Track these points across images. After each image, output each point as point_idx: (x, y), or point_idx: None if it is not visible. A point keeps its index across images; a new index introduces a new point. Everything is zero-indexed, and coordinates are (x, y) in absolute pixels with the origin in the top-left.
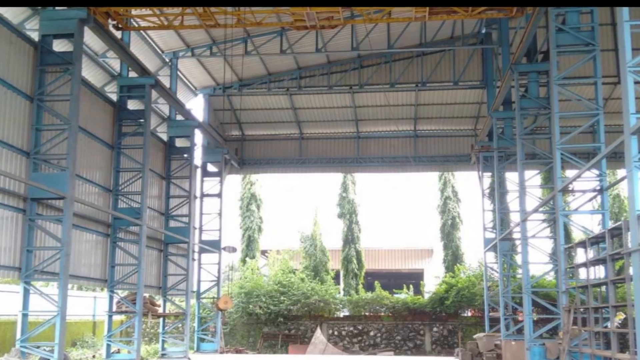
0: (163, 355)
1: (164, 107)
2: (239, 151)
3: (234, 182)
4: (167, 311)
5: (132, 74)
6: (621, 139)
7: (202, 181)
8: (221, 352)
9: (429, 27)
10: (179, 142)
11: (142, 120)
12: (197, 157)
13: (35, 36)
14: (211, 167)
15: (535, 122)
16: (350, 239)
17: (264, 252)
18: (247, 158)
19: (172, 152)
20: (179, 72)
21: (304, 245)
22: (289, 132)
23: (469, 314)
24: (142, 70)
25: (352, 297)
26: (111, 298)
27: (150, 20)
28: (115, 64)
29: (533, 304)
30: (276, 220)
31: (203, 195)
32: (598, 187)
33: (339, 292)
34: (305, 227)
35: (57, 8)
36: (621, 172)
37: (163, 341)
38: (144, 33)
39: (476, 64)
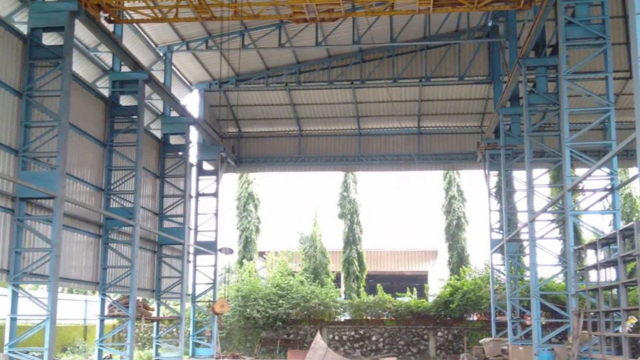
0: None
1: (157, 103)
2: (235, 149)
3: (230, 181)
4: (161, 315)
5: (125, 69)
6: (633, 136)
7: (197, 180)
8: (217, 358)
9: (433, 20)
10: (174, 140)
11: (135, 117)
12: (193, 155)
13: (24, 29)
14: (207, 166)
15: (543, 119)
16: (351, 240)
17: (261, 254)
18: (244, 156)
19: (167, 150)
20: (173, 67)
21: (304, 247)
22: (288, 129)
23: (475, 318)
24: (135, 65)
25: (354, 300)
26: (103, 301)
27: (144, 12)
28: (107, 58)
29: (541, 308)
30: (274, 221)
31: (198, 194)
32: (609, 186)
33: (340, 295)
34: (304, 227)
35: (46, 0)
36: (633, 171)
37: (157, 346)
38: (137, 26)
39: (482, 59)
